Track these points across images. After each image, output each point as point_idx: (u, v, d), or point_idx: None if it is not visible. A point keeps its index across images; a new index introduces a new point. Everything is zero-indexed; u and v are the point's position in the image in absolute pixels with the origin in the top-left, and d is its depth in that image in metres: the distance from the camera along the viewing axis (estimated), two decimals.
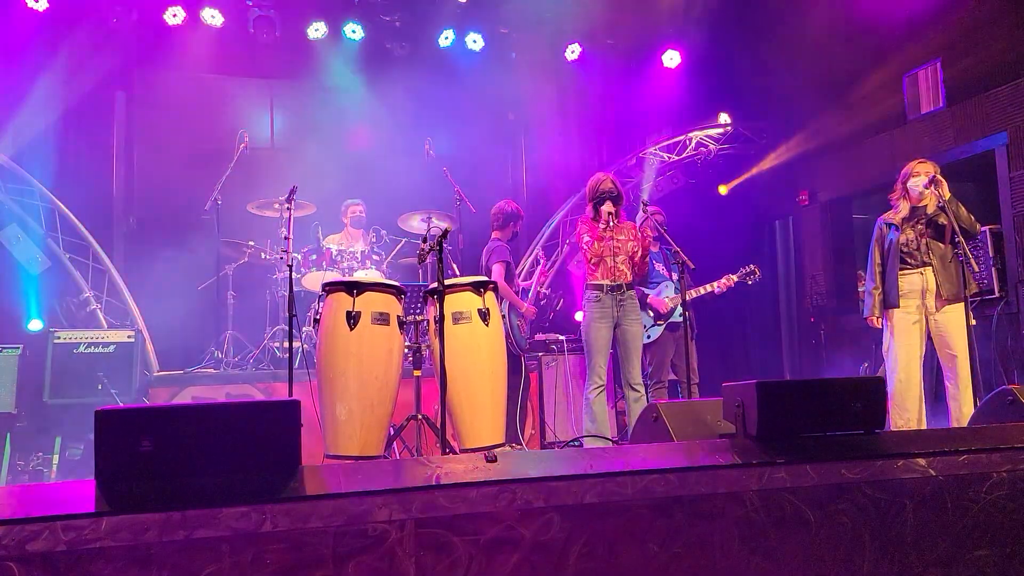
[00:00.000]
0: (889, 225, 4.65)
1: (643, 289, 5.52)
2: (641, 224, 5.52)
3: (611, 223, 4.66)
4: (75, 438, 4.99)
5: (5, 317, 6.04)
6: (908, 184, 4.57)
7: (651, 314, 5.57)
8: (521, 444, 5.49)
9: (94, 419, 1.74)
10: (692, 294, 5.63)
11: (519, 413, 5.49)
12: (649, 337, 5.48)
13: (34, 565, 1.54)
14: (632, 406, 4.72)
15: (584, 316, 4.80)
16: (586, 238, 4.78)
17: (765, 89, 8.04)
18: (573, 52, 8.05)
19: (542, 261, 6.05)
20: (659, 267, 5.60)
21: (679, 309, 5.57)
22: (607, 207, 4.68)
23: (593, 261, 4.74)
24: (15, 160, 6.32)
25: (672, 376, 5.79)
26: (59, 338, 5.23)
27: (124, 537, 1.60)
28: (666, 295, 5.59)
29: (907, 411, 4.46)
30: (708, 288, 5.68)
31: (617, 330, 4.73)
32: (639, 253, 4.84)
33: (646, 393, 4.89)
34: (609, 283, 4.70)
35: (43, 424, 5.05)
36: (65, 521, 1.58)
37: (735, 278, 5.69)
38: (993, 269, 5.70)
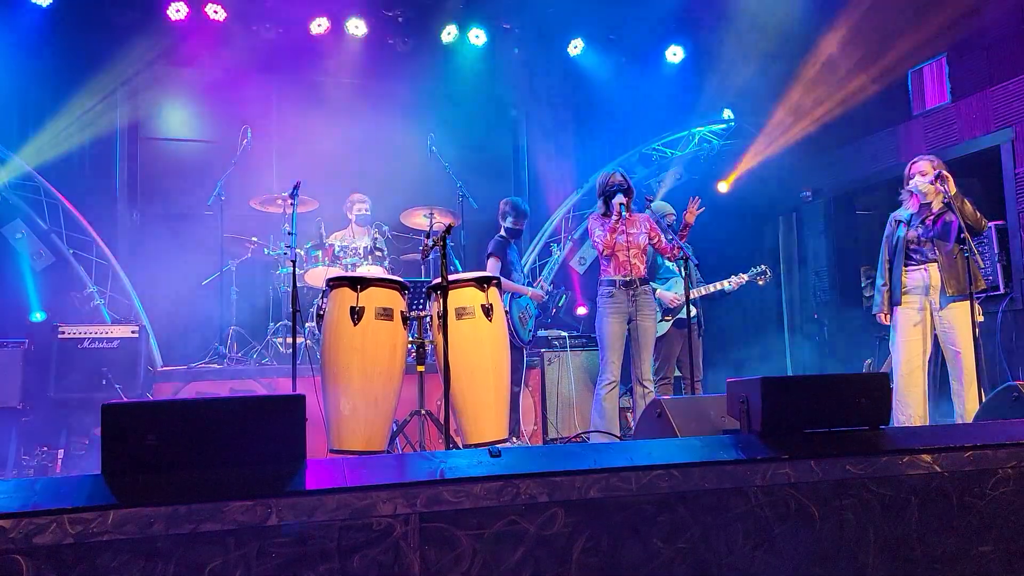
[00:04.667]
0: (898, 222, 4.65)
1: (652, 284, 5.52)
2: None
3: (624, 215, 4.65)
4: (80, 432, 5.01)
5: (9, 312, 6.05)
6: (912, 182, 4.57)
7: (659, 308, 5.56)
8: (524, 438, 5.50)
9: (101, 413, 1.75)
10: (702, 291, 5.63)
11: (520, 407, 5.49)
12: (656, 332, 5.47)
13: (41, 558, 1.54)
14: (640, 402, 4.71)
15: (598, 311, 4.80)
16: (598, 232, 4.78)
17: (769, 84, 8.02)
18: (576, 47, 8.03)
19: (557, 254, 5.99)
20: (668, 262, 5.60)
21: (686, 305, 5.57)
22: (619, 199, 4.67)
23: (606, 254, 4.74)
24: (19, 156, 6.33)
25: (677, 372, 5.78)
26: (63, 333, 5.24)
27: (131, 530, 1.60)
28: (676, 291, 5.58)
29: (909, 407, 4.46)
30: (719, 286, 5.66)
31: (630, 325, 4.73)
32: (660, 242, 4.83)
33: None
34: (622, 278, 4.70)
35: (48, 418, 5.06)
36: (72, 514, 1.58)
37: (746, 277, 5.67)
38: (998, 265, 5.68)
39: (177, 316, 6.29)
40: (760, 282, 5.71)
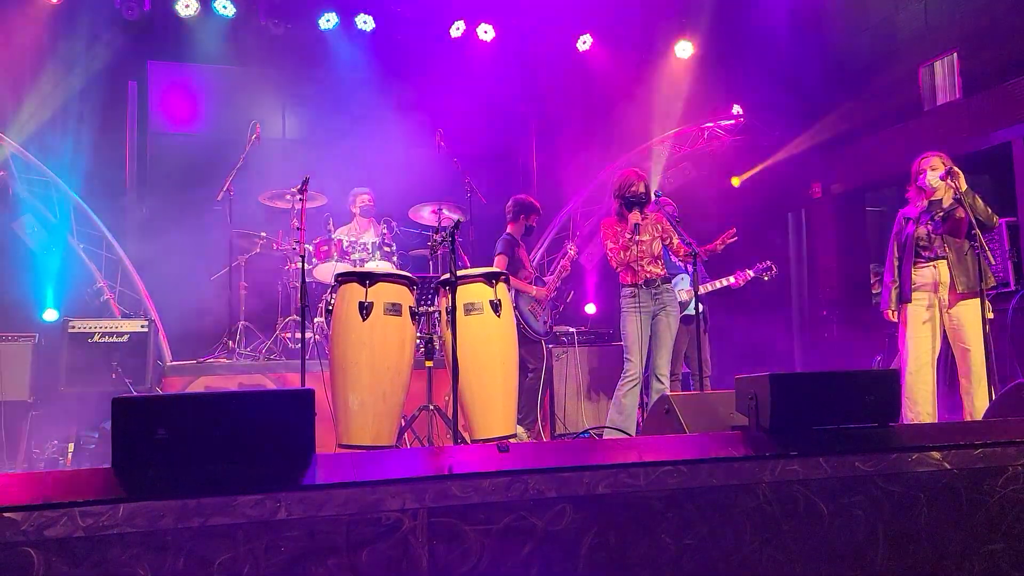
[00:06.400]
0: (907, 219, 4.63)
1: None
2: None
3: (636, 232, 4.64)
4: (90, 426, 5.03)
5: (20, 307, 6.08)
6: (921, 178, 4.54)
7: None
8: (539, 428, 5.50)
9: (111, 407, 1.75)
10: (708, 287, 5.63)
11: (539, 398, 5.48)
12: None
13: (52, 551, 1.55)
14: (655, 397, 4.72)
15: (621, 311, 4.81)
16: (610, 245, 4.77)
17: (778, 80, 7.98)
18: (585, 43, 8.01)
19: (571, 252, 5.95)
20: (675, 259, 5.59)
21: (693, 301, 5.57)
22: (635, 216, 4.66)
23: (619, 269, 4.76)
24: (29, 151, 6.36)
25: (685, 369, 5.77)
26: (74, 327, 5.27)
27: (141, 523, 1.61)
28: (682, 287, 5.58)
29: (918, 404, 4.44)
30: (725, 282, 5.66)
31: (652, 320, 4.74)
32: (672, 243, 4.81)
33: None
34: (642, 282, 4.71)
35: (58, 412, 5.09)
36: (83, 507, 1.59)
37: (751, 273, 5.67)
38: (1009, 262, 5.64)
39: (186, 311, 6.30)
40: (765, 278, 5.70)
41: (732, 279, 5.66)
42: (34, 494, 1.61)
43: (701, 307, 5.60)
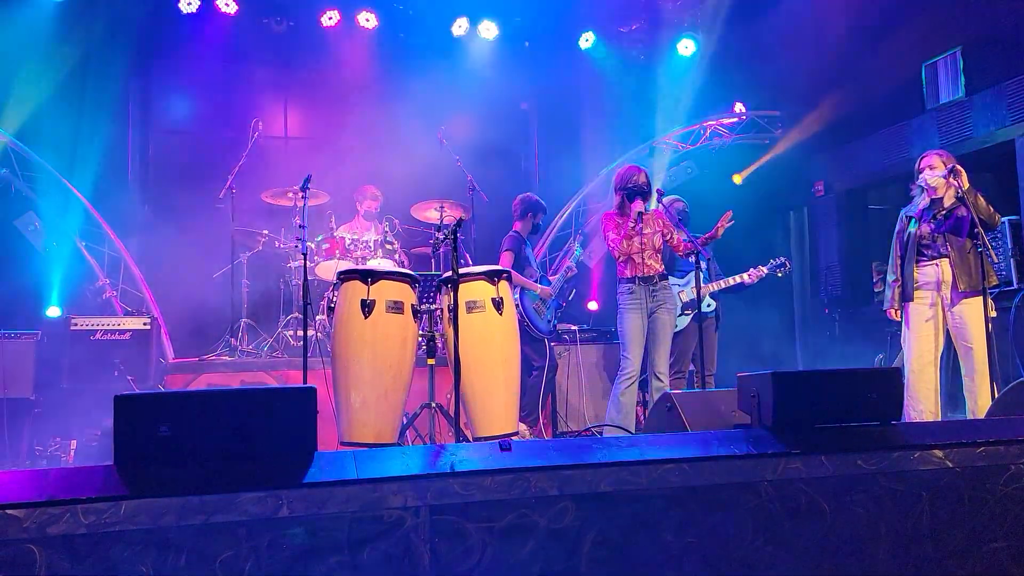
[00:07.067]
0: (909, 217, 4.63)
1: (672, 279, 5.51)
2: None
3: (640, 221, 4.64)
4: (92, 423, 5.04)
5: (22, 304, 6.09)
6: (923, 176, 4.54)
7: (680, 303, 5.56)
8: (541, 426, 5.50)
9: (113, 405, 1.76)
10: (721, 284, 5.64)
11: (541, 396, 5.48)
12: (676, 327, 5.46)
13: (55, 548, 1.56)
14: (655, 395, 4.72)
15: (618, 308, 4.81)
16: (612, 235, 4.77)
17: (781, 78, 7.96)
18: (587, 40, 8.00)
19: (573, 250, 5.95)
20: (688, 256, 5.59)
21: (707, 299, 5.58)
22: (638, 205, 4.67)
23: (621, 259, 4.76)
24: (31, 148, 6.36)
25: (693, 367, 5.77)
26: (76, 324, 5.28)
27: (143, 521, 1.61)
28: (694, 285, 5.58)
29: (920, 403, 4.44)
30: (738, 279, 5.65)
31: (650, 318, 4.74)
32: (672, 239, 4.83)
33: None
34: (641, 276, 4.72)
35: (61, 409, 5.09)
36: (85, 505, 1.59)
37: (765, 270, 5.66)
38: (1012, 260, 5.63)
39: (188, 308, 6.31)
40: (779, 274, 5.69)
41: (746, 276, 5.64)
42: (37, 491, 1.61)
43: (714, 304, 5.65)
